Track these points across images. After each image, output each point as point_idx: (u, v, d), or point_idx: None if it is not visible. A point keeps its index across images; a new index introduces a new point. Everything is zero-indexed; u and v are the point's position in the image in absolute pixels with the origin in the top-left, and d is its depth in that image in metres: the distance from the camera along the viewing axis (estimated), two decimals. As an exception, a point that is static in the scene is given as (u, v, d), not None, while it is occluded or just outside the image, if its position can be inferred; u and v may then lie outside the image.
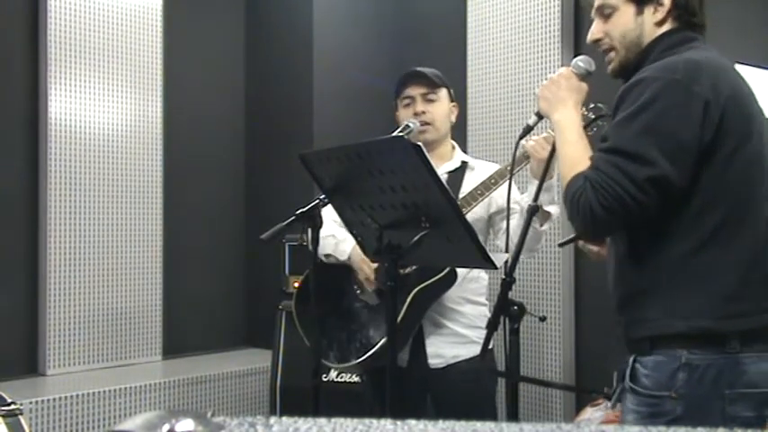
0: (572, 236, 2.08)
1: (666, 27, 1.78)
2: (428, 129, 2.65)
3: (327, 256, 2.65)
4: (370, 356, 2.51)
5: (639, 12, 1.79)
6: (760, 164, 1.70)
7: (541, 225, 2.50)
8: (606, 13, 1.82)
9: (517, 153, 2.13)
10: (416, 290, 2.52)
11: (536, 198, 1.98)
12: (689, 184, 1.63)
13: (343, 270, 2.66)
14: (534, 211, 1.98)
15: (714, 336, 1.64)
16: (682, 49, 1.73)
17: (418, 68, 2.70)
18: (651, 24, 1.78)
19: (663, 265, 1.68)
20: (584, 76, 1.88)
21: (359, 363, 2.55)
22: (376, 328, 2.54)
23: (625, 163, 1.61)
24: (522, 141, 2.16)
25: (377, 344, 2.50)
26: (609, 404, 2.06)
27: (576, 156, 1.74)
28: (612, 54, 1.83)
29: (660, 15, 1.77)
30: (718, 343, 1.63)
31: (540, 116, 1.94)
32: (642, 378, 1.70)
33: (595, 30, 1.85)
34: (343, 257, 2.62)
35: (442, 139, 2.72)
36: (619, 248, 1.77)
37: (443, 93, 2.71)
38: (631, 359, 1.73)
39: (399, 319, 2.47)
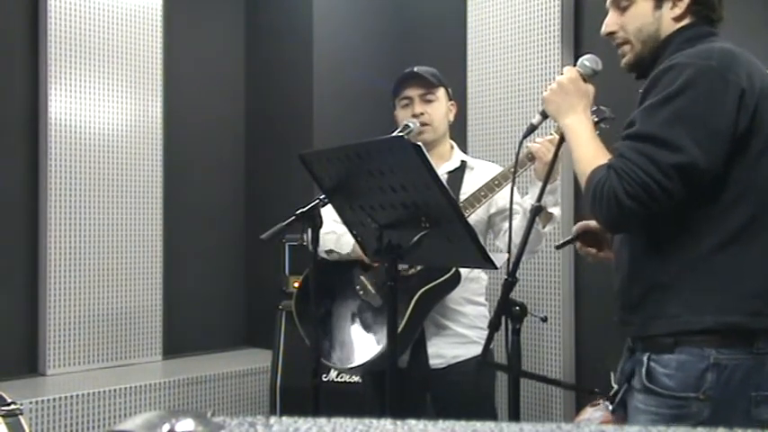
0: (569, 237, 2.08)
1: (685, 22, 1.74)
2: (426, 129, 2.64)
3: (329, 252, 2.64)
4: (372, 360, 2.50)
5: (658, 6, 1.75)
6: None
7: (544, 226, 2.49)
8: (623, 6, 1.78)
9: (521, 154, 2.11)
10: (420, 292, 2.52)
11: (539, 199, 1.97)
12: (719, 175, 1.59)
13: (345, 270, 2.66)
14: (538, 211, 1.96)
15: (743, 333, 1.60)
16: (701, 43, 1.69)
17: (415, 69, 2.69)
18: (669, 19, 1.74)
19: (688, 259, 1.64)
20: (591, 76, 1.86)
21: (361, 366, 2.54)
22: (379, 331, 2.53)
23: (652, 149, 1.57)
24: (527, 143, 2.14)
25: (379, 347, 2.50)
26: (609, 405, 2.06)
27: (591, 155, 1.71)
28: (627, 48, 1.80)
29: (679, 11, 1.74)
30: (746, 341, 1.60)
31: (544, 116, 1.91)
32: (663, 378, 1.64)
33: (610, 22, 1.81)
34: (346, 250, 2.60)
35: (441, 139, 2.72)
36: (636, 244, 1.72)
37: (441, 92, 2.70)
38: (645, 357, 1.68)
39: (403, 323, 2.46)
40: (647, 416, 1.65)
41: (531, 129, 1.96)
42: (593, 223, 1.99)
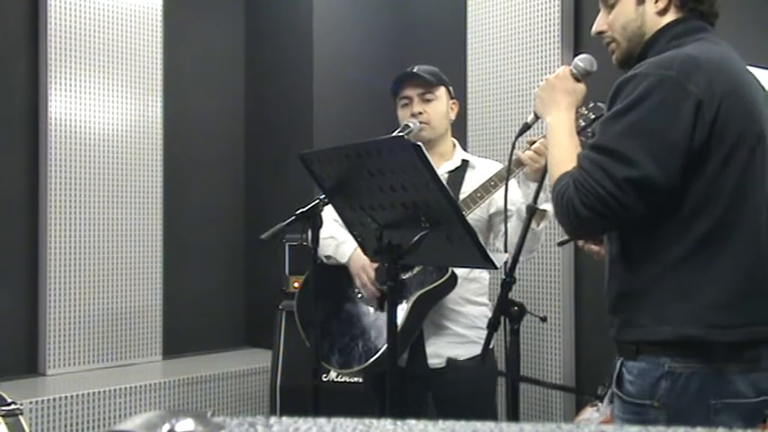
0: None
1: (671, 16, 1.71)
2: (425, 128, 2.64)
3: (328, 257, 2.65)
4: (372, 363, 2.50)
5: (640, 1, 1.73)
6: (762, 168, 1.63)
7: (538, 225, 2.49)
8: (610, 4, 1.77)
9: (517, 152, 2.10)
10: (417, 295, 2.52)
11: (535, 198, 1.97)
12: (678, 186, 1.57)
13: (345, 272, 2.66)
14: (533, 211, 1.97)
15: (700, 345, 1.59)
16: (688, 41, 1.66)
17: (414, 68, 2.69)
18: (653, 14, 1.71)
19: (652, 269, 1.63)
20: (584, 76, 1.85)
21: (361, 369, 2.55)
22: (378, 333, 2.53)
23: (607, 162, 1.56)
24: (518, 151, 2.13)
25: (379, 350, 2.50)
26: (611, 406, 2.06)
27: (562, 157, 1.70)
28: (614, 45, 1.78)
29: (661, 4, 1.70)
30: (703, 352, 1.59)
31: (537, 116, 1.91)
32: (627, 384, 1.66)
33: (600, 22, 1.81)
34: (342, 260, 2.61)
35: (441, 138, 2.71)
36: (612, 250, 1.73)
37: (441, 91, 2.70)
38: (618, 363, 1.70)
39: (401, 325, 2.46)
40: (618, 421, 1.69)
41: (526, 128, 1.96)
42: None
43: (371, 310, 2.60)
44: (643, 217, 1.59)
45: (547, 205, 2.47)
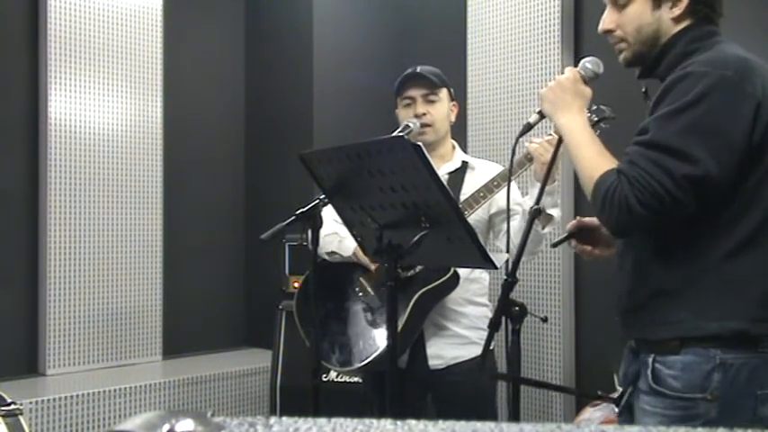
0: (564, 235, 2.06)
1: (685, 23, 1.72)
2: (427, 131, 2.64)
3: (331, 253, 2.64)
4: (372, 361, 2.50)
5: (656, 6, 1.72)
6: None
7: (543, 228, 2.49)
8: (621, 3, 1.76)
9: (519, 154, 2.10)
10: (419, 293, 2.51)
11: (538, 201, 1.96)
12: (731, 185, 1.59)
13: (345, 271, 2.66)
14: (537, 214, 1.96)
15: (747, 337, 1.61)
16: (707, 44, 1.68)
17: (419, 69, 2.69)
18: (668, 20, 1.72)
19: (696, 265, 1.64)
20: (591, 79, 1.84)
21: (361, 368, 2.54)
22: (378, 332, 2.53)
23: (666, 159, 1.56)
24: (525, 142, 2.14)
25: (379, 348, 2.50)
26: (611, 406, 2.06)
27: (592, 155, 1.70)
28: (623, 45, 1.78)
29: (678, 11, 1.71)
30: (750, 343, 1.61)
31: (541, 115, 1.89)
32: (669, 380, 1.65)
33: (608, 20, 1.79)
34: (347, 253, 2.61)
35: (442, 140, 2.71)
36: (642, 248, 1.72)
37: (444, 93, 2.70)
38: (650, 359, 1.68)
39: (402, 323, 2.46)
40: (654, 417, 1.66)
41: (528, 128, 1.95)
42: (587, 220, 1.98)
43: (372, 308, 2.60)
44: (690, 214, 1.59)
45: (554, 211, 2.47)
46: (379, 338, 2.52)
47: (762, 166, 1.61)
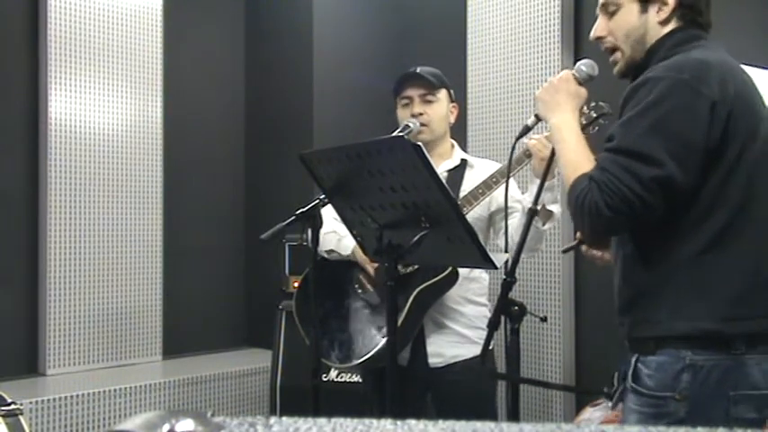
0: (575, 242, 2.07)
1: (671, 26, 1.76)
2: (424, 130, 2.64)
3: (330, 252, 2.65)
4: (371, 357, 2.51)
5: (643, 10, 1.76)
6: (766, 165, 1.68)
7: (544, 224, 2.50)
8: (611, 11, 1.80)
9: (518, 150, 2.12)
10: (418, 290, 2.52)
11: (536, 199, 1.97)
12: (695, 185, 1.62)
13: (344, 269, 2.66)
14: (534, 214, 1.97)
15: (718, 338, 1.63)
16: (689, 48, 1.71)
17: (418, 69, 2.69)
18: (655, 23, 1.76)
19: (668, 266, 1.67)
20: (586, 81, 1.87)
21: (360, 363, 2.55)
22: (377, 329, 2.54)
23: (631, 163, 1.59)
24: (524, 139, 2.15)
25: (378, 344, 2.50)
26: (609, 404, 2.06)
27: (577, 158, 1.73)
28: (618, 55, 1.81)
29: (664, 15, 1.75)
30: (722, 345, 1.62)
31: (538, 118, 1.93)
32: (645, 378, 1.69)
33: (599, 27, 1.83)
34: (346, 252, 2.62)
35: (440, 140, 2.71)
36: (625, 250, 1.75)
37: (443, 93, 2.70)
38: (634, 359, 1.72)
39: (401, 319, 2.47)
40: (634, 415, 1.70)
41: (526, 130, 2.00)
42: None
43: (371, 305, 2.60)
44: (659, 216, 1.62)
45: (554, 207, 2.48)
46: (378, 334, 2.53)
47: (723, 166, 1.63)
